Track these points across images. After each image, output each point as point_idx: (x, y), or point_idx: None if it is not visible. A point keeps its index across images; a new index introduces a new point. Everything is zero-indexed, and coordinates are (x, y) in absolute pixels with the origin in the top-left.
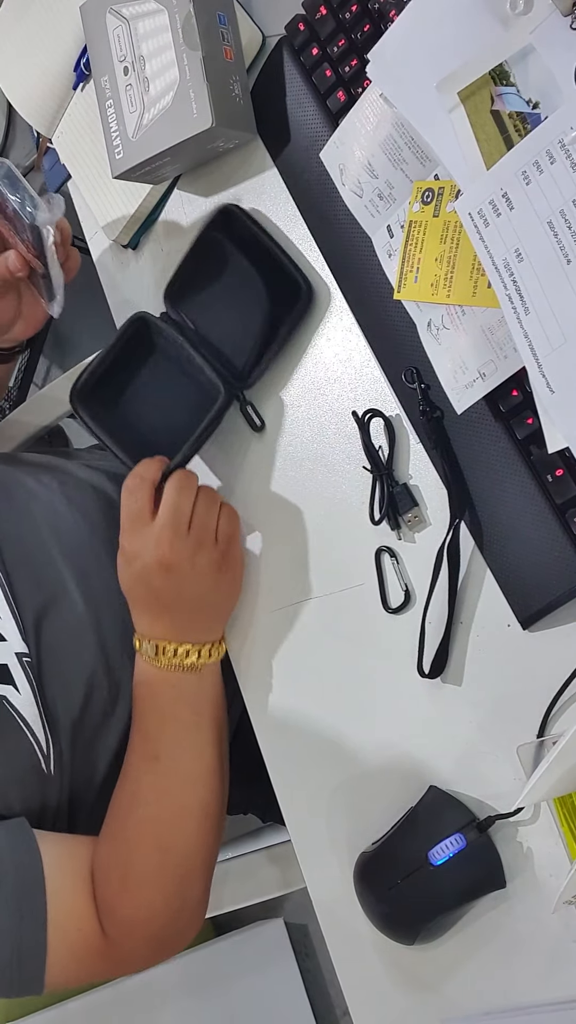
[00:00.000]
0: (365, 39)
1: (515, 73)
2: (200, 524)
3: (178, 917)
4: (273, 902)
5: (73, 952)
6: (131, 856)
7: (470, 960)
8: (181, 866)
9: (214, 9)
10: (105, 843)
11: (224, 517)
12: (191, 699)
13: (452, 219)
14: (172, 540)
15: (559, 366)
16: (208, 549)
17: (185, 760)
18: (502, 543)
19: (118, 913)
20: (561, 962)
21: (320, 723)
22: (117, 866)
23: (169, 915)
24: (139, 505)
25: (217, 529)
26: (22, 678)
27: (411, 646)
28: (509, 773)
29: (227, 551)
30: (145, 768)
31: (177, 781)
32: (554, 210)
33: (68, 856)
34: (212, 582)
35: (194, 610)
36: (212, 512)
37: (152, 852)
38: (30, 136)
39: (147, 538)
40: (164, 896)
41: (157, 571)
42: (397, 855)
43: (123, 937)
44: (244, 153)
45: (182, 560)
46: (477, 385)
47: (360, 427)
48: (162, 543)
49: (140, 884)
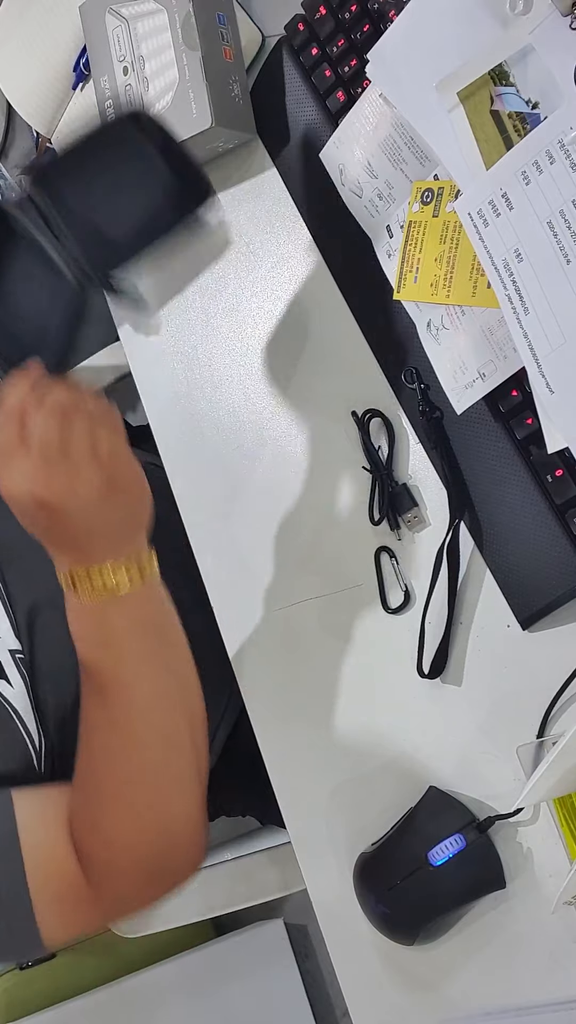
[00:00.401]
0: (365, 39)
1: (514, 73)
2: (74, 448)
3: (161, 848)
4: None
5: (62, 902)
6: (94, 797)
7: (470, 960)
8: (149, 796)
9: (213, 9)
10: (74, 792)
11: (104, 430)
12: (124, 624)
13: (452, 219)
14: (45, 469)
15: (559, 366)
16: (88, 473)
17: (133, 689)
18: (502, 543)
19: (95, 857)
20: (561, 962)
21: (320, 724)
22: (85, 810)
23: (148, 849)
24: (9, 429)
25: (98, 447)
26: (15, 674)
27: (411, 646)
28: (509, 773)
29: (113, 470)
30: (93, 704)
31: (127, 712)
32: (554, 210)
33: (45, 806)
34: (101, 508)
35: (93, 532)
36: (86, 428)
37: (115, 788)
38: (30, 136)
39: (17, 475)
40: (137, 830)
41: (37, 511)
42: (397, 856)
43: (107, 880)
44: (244, 153)
45: (59, 494)
46: (477, 385)
47: (360, 427)
48: (35, 475)
49: (109, 824)
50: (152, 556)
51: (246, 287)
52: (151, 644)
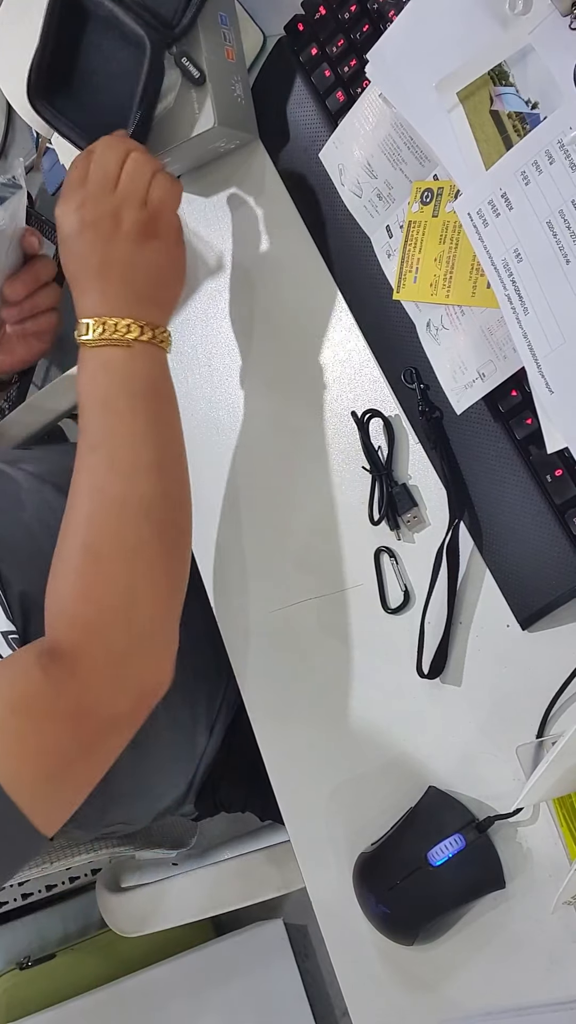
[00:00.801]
0: (364, 39)
1: (514, 73)
2: (126, 182)
3: (126, 631)
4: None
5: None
6: (70, 565)
7: (470, 960)
8: (124, 562)
9: (215, 9)
10: (50, 579)
11: (158, 183)
12: (124, 382)
13: (451, 219)
14: (95, 197)
15: (558, 366)
16: (132, 208)
17: (120, 451)
18: (501, 543)
19: (66, 636)
20: (561, 962)
21: (319, 723)
22: (61, 584)
23: (120, 623)
24: (75, 174)
25: (149, 194)
26: (8, 653)
27: (410, 646)
28: (508, 773)
29: (157, 215)
30: (82, 464)
31: (112, 474)
32: (553, 210)
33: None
34: (137, 245)
35: (125, 276)
36: (142, 173)
37: (93, 551)
38: (30, 136)
39: (71, 201)
40: (111, 597)
41: (80, 231)
42: (396, 855)
43: (75, 663)
44: (244, 153)
45: (103, 216)
46: (476, 385)
47: (359, 427)
48: (85, 202)
49: (83, 588)
50: (169, 337)
51: (245, 287)
52: (148, 407)
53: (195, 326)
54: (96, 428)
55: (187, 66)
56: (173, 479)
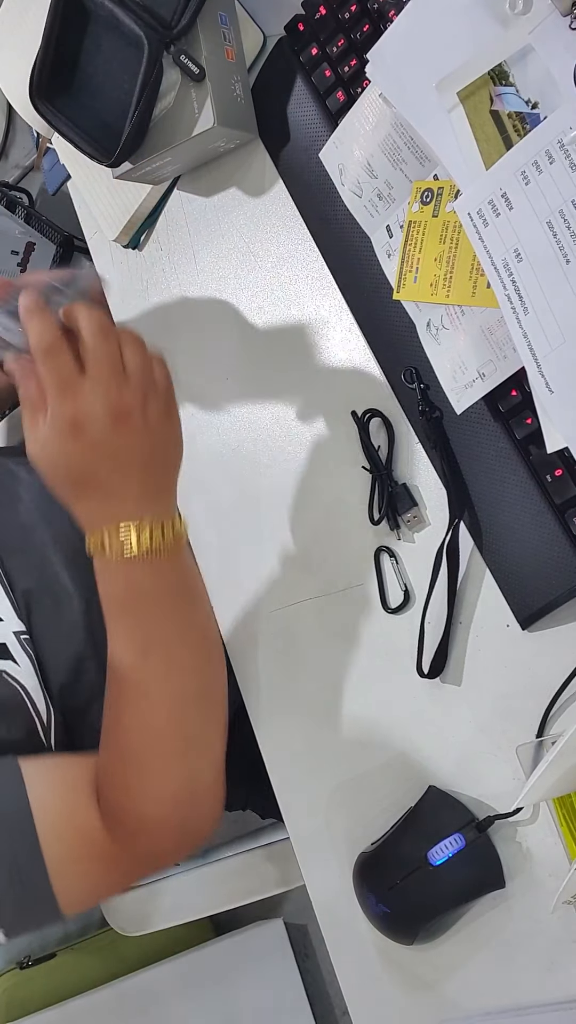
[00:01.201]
0: (364, 39)
1: (514, 73)
2: (138, 369)
3: (187, 801)
4: (273, 902)
5: (82, 863)
6: (128, 761)
7: (469, 960)
8: (184, 756)
9: (215, 9)
10: (103, 754)
11: (158, 362)
12: (169, 580)
13: (451, 219)
14: (120, 388)
15: (558, 366)
16: (154, 395)
17: (173, 648)
18: (501, 543)
19: (127, 815)
20: (560, 962)
21: (319, 723)
22: (116, 773)
23: (176, 802)
24: (66, 366)
25: (157, 377)
26: (21, 653)
27: (410, 646)
28: (508, 773)
29: (169, 397)
30: (135, 666)
31: (170, 675)
32: (553, 210)
33: (56, 773)
34: (165, 433)
35: (153, 469)
36: (145, 354)
37: (145, 746)
38: (30, 136)
39: (90, 395)
40: (166, 785)
41: (113, 426)
42: (396, 855)
43: (137, 835)
44: (244, 153)
45: (135, 408)
46: (476, 385)
47: (359, 427)
48: (110, 393)
49: (141, 788)
50: (181, 519)
51: (246, 287)
52: (179, 604)
53: (195, 326)
54: (140, 631)
55: (186, 63)
56: (214, 656)
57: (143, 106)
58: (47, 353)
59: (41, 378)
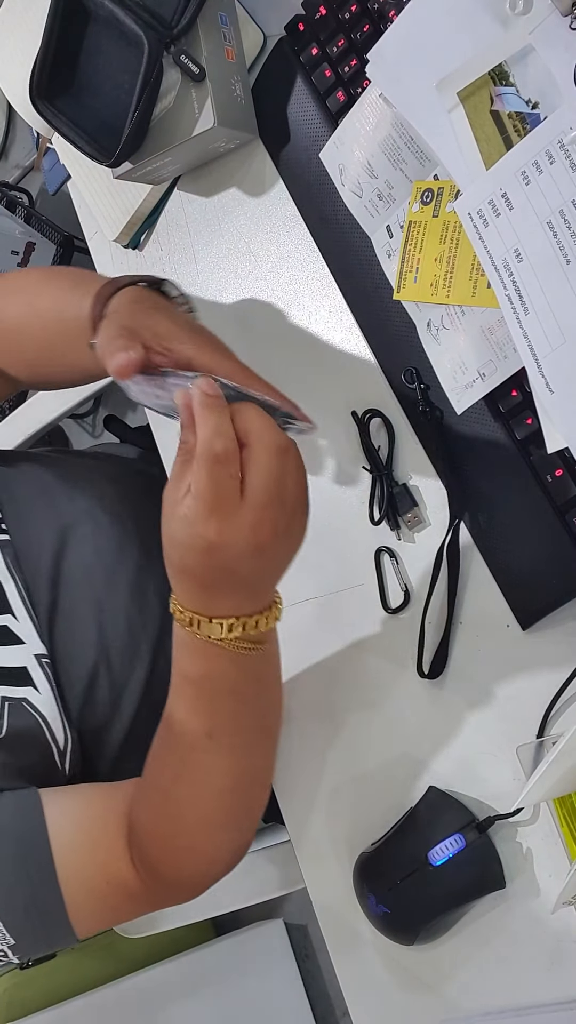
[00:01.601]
0: (365, 39)
1: (514, 73)
2: (294, 499)
3: (221, 867)
4: (273, 903)
5: (102, 900)
6: (176, 829)
7: (470, 960)
8: (229, 829)
9: (215, 9)
10: (147, 808)
11: (302, 472)
12: (254, 670)
13: (451, 219)
14: (272, 522)
15: (558, 366)
16: (300, 517)
17: (242, 734)
18: (501, 543)
19: (160, 872)
20: (561, 962)
21: (319, 724)
22: (160, 835)
23: (211, 870)
24: (228, 483)
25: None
26: (42, 678)
27: (411, 646)
28: (508, 773)
29: (306, 516)
30: (198, 746)
31: (232, 756)
32: (553, 210)
33: (81, 808)
34: (293, 551)
35: (266, 577)
36: (304, 481)
37: (200, 824)
38: (30, 136)
39: (242, 527)
40: (208, 858)
41: (250, 557)
42: (397, 855)
43: (162, 887)
44: (244, 153)
45: (278, 537)
46: (477, 385)
47: (359, 427)
48: (262, 528)
49: (184, 852)
50: (279, 604)
51: (246, 287)
52: (255, 692)
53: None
54: (213, 713)
55: (186, 63)
56: (274, 741)
57: (143, 106)
58: (215, 461)
59: (196, 475)
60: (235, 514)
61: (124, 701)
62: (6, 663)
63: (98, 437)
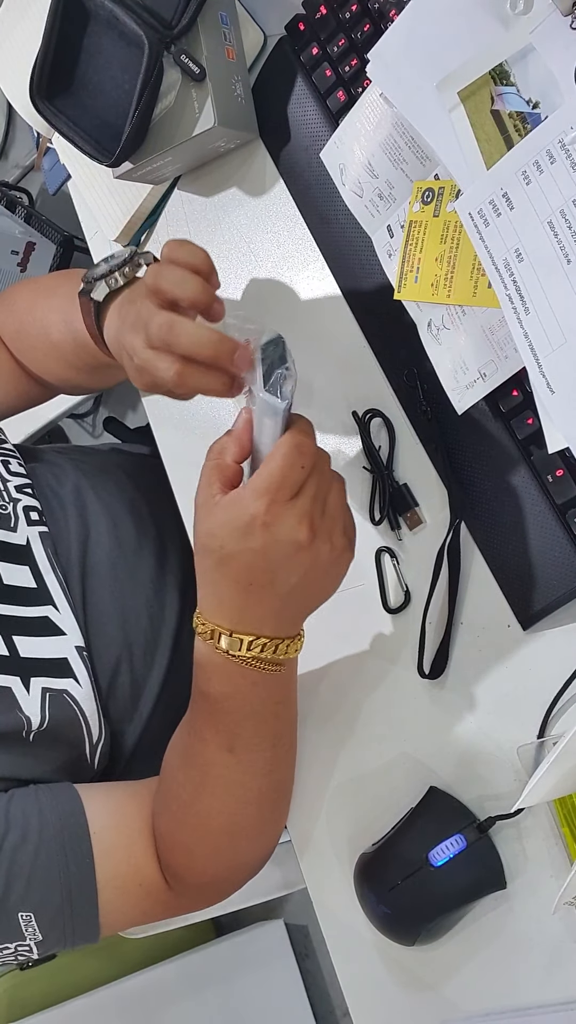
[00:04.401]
0: (365, 39)
1: (515, 73)
2: (337, 512)
3: (244, 875)
4: (274, 903)
5: (134, 903)
6: (198, 839)
7: (471, 961)
8: (250, 839)
9: (216, 9)
10: (168, 818)
11: (344, 497)
12: (274, 691)
13: (452, 219)
14: (316, 525)
15: (559, 366)
16: (338, 535)
17: (261, 750)
18: (502, 543)
19: (185, 879)
20: (562, 963)
21: (320, 724)
22: (182, 843)
23: (234, 878)
24: (300, 473)
25: (346, 512)
26: (83, 671)
27: (411, 646)
28: (509, 774)
29: (349, 544)
30: (218, 760)
31: (252, 771)
32: (554, 210)
33: (116, 811)
34: (328, 574)
35: (297, 600)
36: (344, 500)
37: (221, 835)
38: (30, 136)
39: (289, 513)
40: (231, 866)
41: (290, 553)
42: (397, 856)
43: (188, 893)
44: (245, 153)
45: (317, 545)
46: (478, 385)
47: (360, 427)
48: (304, 523)
49: (207, 860)
50: (302, 637)
51: (247, 287)
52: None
53: None
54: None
55: (186, 63)
56: (292, 758)
57: (143, 106)
58: (297, 450)
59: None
60: (288, 502)
61: (143, 699)
62: (48, 654)
63: (98, 437)
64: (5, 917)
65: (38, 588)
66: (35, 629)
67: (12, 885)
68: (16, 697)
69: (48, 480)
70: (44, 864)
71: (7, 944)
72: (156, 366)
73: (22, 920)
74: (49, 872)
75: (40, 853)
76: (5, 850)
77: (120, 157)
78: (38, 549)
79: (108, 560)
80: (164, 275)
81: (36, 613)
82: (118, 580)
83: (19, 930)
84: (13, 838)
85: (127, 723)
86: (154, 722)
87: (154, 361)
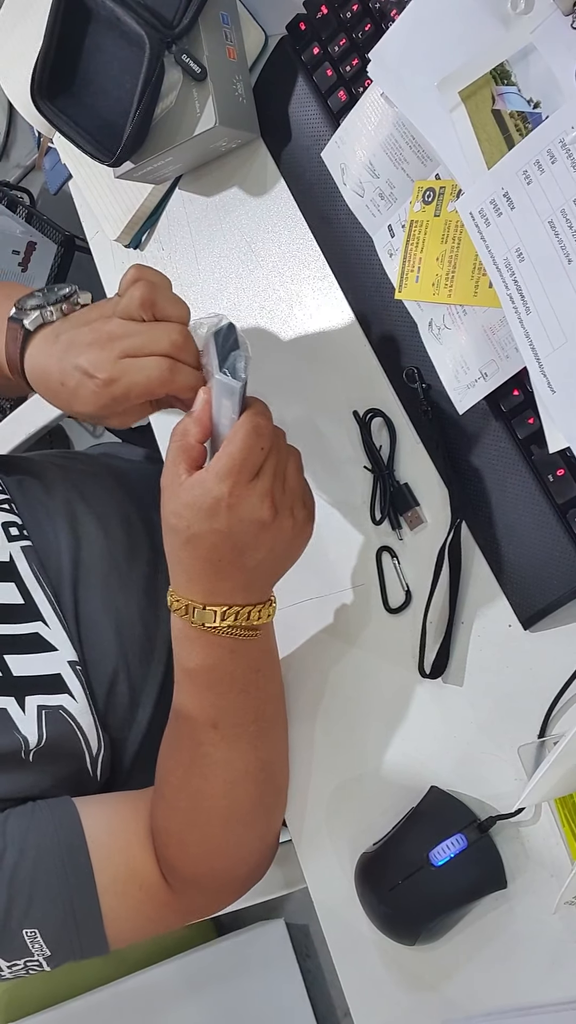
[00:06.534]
0: (366, 38)
1: (516, 72)
2: (296, 482)
3: (244, 869)
4: (274, 903)
5: (136, 908)
6: (189, 824)
7: (471, 961)
8: (243, 824)
9: (217, 8)
10: (161, 807)
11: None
12: (254, 658)
13: (453, 219)
14: (278, 501)
15: (560, 366)
16: (299, 507)
17: (245, 724)
18: (503, 543)
19: (181, 872)
20: (562, 963)
21: (320, 724)
22: (175, 832)
23: (233, 871)
24: (259, 454)
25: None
26: (77, 686)
27: (412, 646)
28: (510, 773)
29: (309, 515)
30: (204, 738)
31: (238, 747)
32: (555, 209)
33: (114, 817)
34: (292, 545)
35: (265, 568)
36: (302, 476)
37: (212, 819)
38: (31, 136)
39: (252, 492)
40: (226, 856)
41: (255, 530)
42: (398, 855)
43: (189, 891)
44: (246, 152)
45: (280, 520)
46: (479, 385)
47: (361, 426)
48: (267, 501)
49: (200, 848)
50: (273, 602)
51: (247, 286)
52: (254, 682)
53: None
54: (217, 703)
55: (187, 63)
56: (281, 731)
57: (144, 106)
58: (256, 432)
59: (231, 439)
60: (250, 483)
61: (141, 706)
62: (41, 671)
63: (99, 437)
64: (10, 936)
65: (26, 604)
66: (26, 646)
67: (14, 903)
68: (12, 717)
69: (35, 491)
70: (44, 879)
71: (16, 961)
72: (142, 367)
73: (27, 937)
74: (50, 886)
75: (39, 867)
76: (4, 869)
77: (121, 157)
78: (22, 564)
79: (100, 569)
80: (160, 292)
81: (26, 630)
82: (110, 589)
83: (26, 947)
84: (11, 856)
85: (127, 731)
86: (153, 728)
87: (137, 364)
